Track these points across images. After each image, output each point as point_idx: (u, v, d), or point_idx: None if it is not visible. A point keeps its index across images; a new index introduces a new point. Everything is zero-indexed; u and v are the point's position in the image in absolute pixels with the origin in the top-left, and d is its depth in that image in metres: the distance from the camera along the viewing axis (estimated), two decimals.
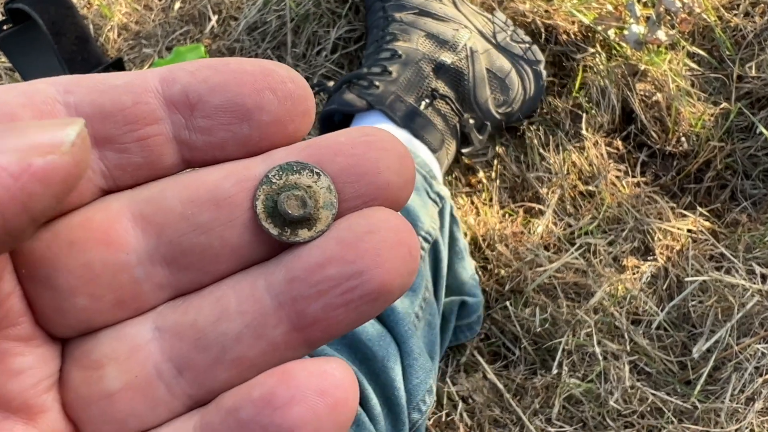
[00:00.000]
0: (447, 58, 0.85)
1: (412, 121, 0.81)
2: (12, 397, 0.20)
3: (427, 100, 0.83)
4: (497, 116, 0.88)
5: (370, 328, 0.62)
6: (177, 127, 0.21)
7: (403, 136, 0.81)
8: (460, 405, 0.75)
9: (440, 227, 0.75)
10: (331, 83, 0.87)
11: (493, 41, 0.90)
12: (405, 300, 0.66)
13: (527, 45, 0.91)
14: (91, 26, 1.07)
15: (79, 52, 0.92)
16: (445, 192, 0.77)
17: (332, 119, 0.86)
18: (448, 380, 0.77)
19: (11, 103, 0.19)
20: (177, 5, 1.08)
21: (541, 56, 0.91)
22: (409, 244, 0.20)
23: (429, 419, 0.75)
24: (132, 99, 0.20)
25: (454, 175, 0.91)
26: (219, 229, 0.21)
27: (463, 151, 0.87)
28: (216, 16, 1.05)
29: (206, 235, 0.21)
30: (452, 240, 0.78)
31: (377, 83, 0.82)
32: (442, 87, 0.84)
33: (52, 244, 0.21)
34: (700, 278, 0.77)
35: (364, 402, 0.60)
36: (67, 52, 0.91)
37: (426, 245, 0.71)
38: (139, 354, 0.21)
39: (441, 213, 0.76)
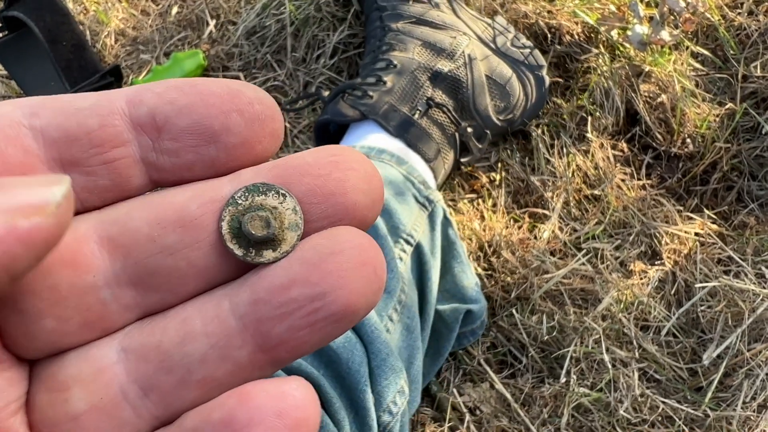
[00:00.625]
0: (444, 66, 0.84)
1: (406, 131, 0.80)
2: None
3: (422, 110, 0.82)
4: (498, 123, 0.87)
5: None
6: (144, 149, 0.21)
7: (396, 145, 0.80)
8: (467, 416, 0.74)
9: (431, 230, 0.74)
10: (326, 93, 0.86)
11: (493, 47, 0.89)
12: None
13: (529, 50, 0.90)
14: (88, 32, 1.06)
15: (76, 60, 0.91)
16: (436, 196, 0.76)
17: (327, 129, 0.85)
18: (454, 390, 0.76)
19: None
20: (174, 10, 1.06)
21: (543, 61, 0.90)
22: (374, 263, 0.20)
23: (434, 431, 0.74)
24: (98, 122, 0.20)
25: (456, 182, 0.90)
26: (185, 251, 0.21)
27: (462, 160, 0.86)
28: (214, 21, 1.04)
29: (173, 256, 0.21)
30: (449, 243, 0.77)
31: (371, 93, 0.82)
32: (439, 96, 0.83)
33: None
34: (710, 284, 0.76)
35: (327, 406, 0.60)
36: (64, 60, 0.90)
37: (408, 247, 0.71)
38: (105, 376, 0.21)
39: (431, 216, 0.75)
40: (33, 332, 0.21)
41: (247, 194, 0.21)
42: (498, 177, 0.89)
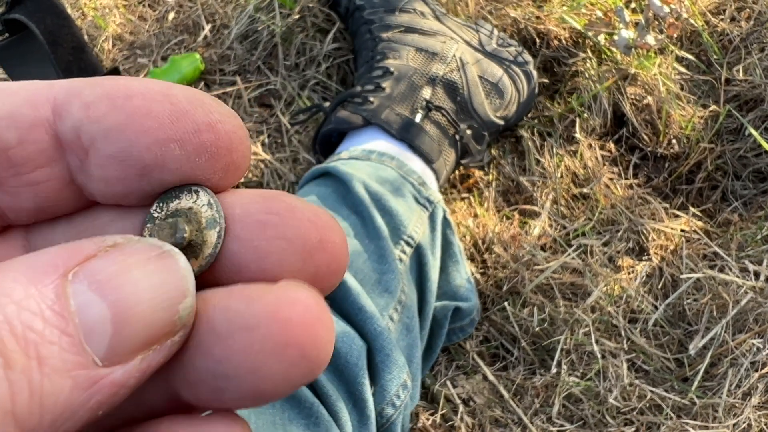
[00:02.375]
0: (439, 70, 0.87)
1: (408, 133, 0.82)
2: None
3: (423, 112, 0.84)
4: (496, 121, 0.89)
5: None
6: (74, 170, 0.17)
7: (397, 148, 0.82)
8: (461, 407, 0.75)
9: (431, 231, 0.76)
10: (327, 104, 0.88)
11: (481, 49, 0.91)
12: (379, 300, 0.67)
13: (514, 48, 0.92)
14: (85, 37, 1.07)
15: (76, 62, 0.93)
16: (436, 197, 0.78)
17: (330, 140, 0.87)
18: (447, 383, 0.78)
19: None
20: (171, 15, 1.08)
21: (529, 57, 0.93)
22: (302, 345, 0.15)
23: (427, 420, 0.76)
24: (16, 136, 0.17)
25: (450, 181, 0.92)
26: None
27: (463, 162, 0.88)
28: (209, 25, 1.06)
29: None
30: (447, 244, 0.79)
31: (372, 99, 0.84)
32: (437, 99, 0.85)
33: None
34: (695, 275, 0.78)
35: (323, 399, 0.61)
36: (64, 62, 0.92)
37: (408, 249, 0.72)
38: None
39: (432, 217, 0.77)
40: None
41: (161, 204, 0.18)
42: (490, 177, 0.91)
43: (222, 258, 0.17)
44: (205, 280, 0.17)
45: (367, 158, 0.79)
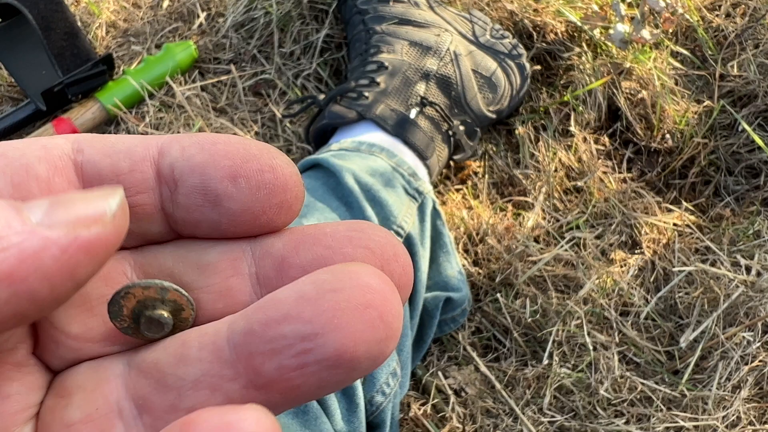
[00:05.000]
0: (432, 65, 0.86)
1: (402, 129, 0.82)
2: None
3: (418, 108, 0.84)
4: (489, 115, 0.89)
5: None
6: (164, 199, 0.21)
7: (388, 140, 0.82)
8: (452, 397, 0.75)
9: (420, 222, 0.76)
10: (321, 96, 0.88)
11: (475, 41, 0.91)
12: None
13: (508, 40, 0.92)
14: (78, 24, 1.07)
15: (69, 48, 0.92)
16: (426, 188, 0.78)
17: (324, 134, 0.87)
18: (439, 373, 0.78)
19: (29, 155, 0.20)
20: (166, 3, 1.08)
21: (522, 50, 0.93)
22: (380, 307, 0.18)
23: (418, 410, 0.76)
24: (129, 165, 0.21)
25: (443, 173, 0.92)
26: (201, 289, 0.22)
27: (455, 157, 0.88)
28: (204, 14, 1.06)
29: (192, 292, 0.22)
30: (437, 234, 0.79)
31: (366, 94, 0.83)
32: (431, 94, 0.85)
33: None
34: (687, 268, 0.79)
35: None
36: (57, 47, 0.91)
37: (397, 239, 0.72)
38: (105, 387, 0.21)
39: (421, 208, 0.77)
40: (60, 338, 0.21)
41: (125, 294, 0.21)
42: (482, 170, 0.91)
43: (316, 261, 0.21)
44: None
45: (357, 149, 0.79)
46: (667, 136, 0.91)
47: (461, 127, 0.86)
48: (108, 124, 0.98)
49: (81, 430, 0.20)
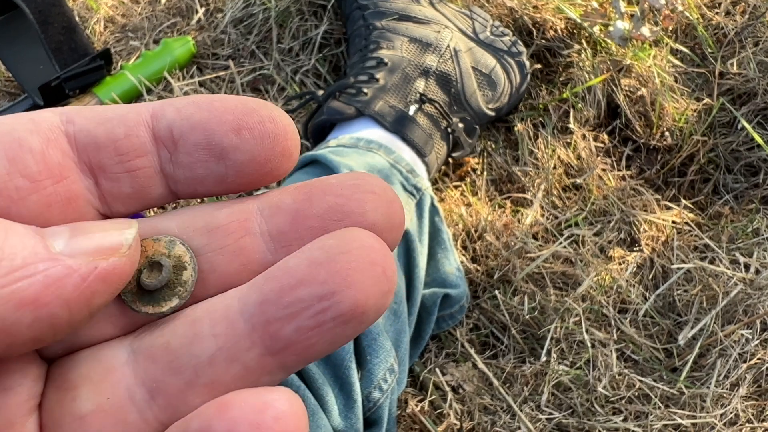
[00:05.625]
0: (432, 62, 0.86)
1: (401, 125, 0.82)
2: None
3: (417, 105, 0.83)
4: (488, 113, 0.89)
5: None
6: (163, 161, 0.22)
7: (386, 137, 0.81)
8: (450, 394, 0.75)
9: (418, 218, 0.76)
10: (320, 92, 0.88)
11: (475, 38, 0.91)
12: None
13: (508, 37, 0.92)
14: (77, 19, 1.06)
15: (66, 42, 0.92)
16: (424, 184, 0.78)
17: (322, 129, 0.87)
18: (437, 370, 0.78)
19: (19, 129, 0.21)
20: None
21: (522, 47, 0.92)
22: (383, 264, 0.20)
23: (416, 406, 0.75)
24: (124, 131, 0.21)
25: (442, 170, 0.92)
26: (210, 255, 0.22)
27: (454, 154, 0.88)
28: (203, 9, 1.05)
29: (198, 258, 0.22)
30: (435, 231, 0.79)
31: (365, 90, 0.83)
32: (431, 91, 0.85)
33: None
34: (686, 266, 0.78)
35: (309, 383, 0.61)
36: (54, 42, 0.91)
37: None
38: (113, 376, 0.21)
39: (419, 205, 0.77)
40: None
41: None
42: (481, 167, 0.91)
43: (332, 209, 0.22)
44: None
45: (355, 145, 0.78)
46: (667, 133, 0.91)
47: (460, 125, 0.86)
48: None
49: (94, 421, 0.20)
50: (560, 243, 0.82)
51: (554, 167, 0.89)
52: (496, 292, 0.80)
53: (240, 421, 0.18)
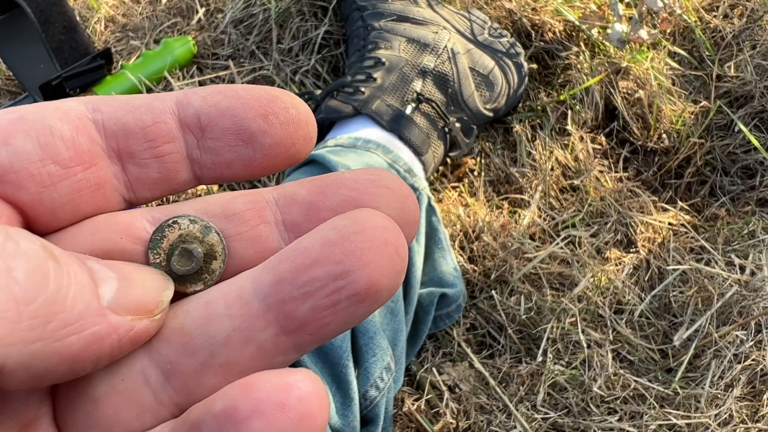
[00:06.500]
0: (429, 62, 0.86)
1: (398, 124, 0.82)
2: (12, 397, 0.20)
3: (414, 104, 0.84)
4: (486, 113, 0.89)
5: None
6: (190, 147, 0.23)
7: (384, 136, 0.82)
8: (447, 393, 0.76)
9: None
10: (318, 92, 0.88)
11: (473, 39, 0.91)
12: None
13: (506, 39, 0.93)
14: (77, 18, 1.07)
15: (67, 41, 0.92)
16: (421, 184, 0.78)
17: (322, 128, 0.87)
18: (433, 369, 0.78)
19: (49, 117, 0.21)
20: None
21: (520, 48, 0.93)
22: (395, 243, 0.20)
23: (412, 405, 0.76)
24: (152, 118, 0.22)
25: (440, 171, 0.92)
26: (226, 240, 0.23)
27: (451, 154, 0.89)
28: (203, 9, 1.06)
29: None
30: (432, 230, 0.79)
31: (363, 89, 0.84)
32: (428, 91, 0.85)
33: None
34: (682, 267, 0.79)
35: None
36: (55, 41, 0.91)
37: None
38: (126, 358, 0.21)
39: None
40: None
41: (160, 233, 0.22)
42: (478, 168, 0.92)
43: (346, 203, 0.22)
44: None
45: (353, 145, 0.79)
46: (664, 135, 0.91)
47: (457, 125, 0.87)
48: None
49: (109, 403, 0.21)
50: (557, 244, 0.83)
51: (552, 168, 0.89)
52: (493, 292, 0.81)
53: (265, 401, 0.18)
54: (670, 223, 0.85)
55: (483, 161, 0.92)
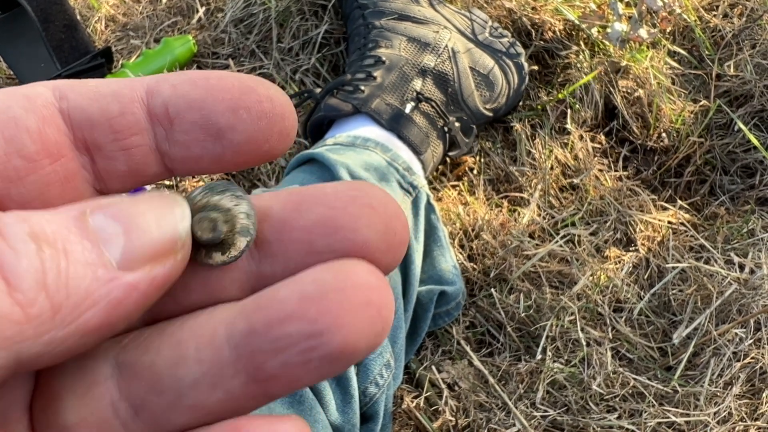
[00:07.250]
0: (430, 61, 0.87)
1: (397, 123, 0.82)
2: None
3: (413, 103, 0.84)
4: (485, 113, 0.89)
5: None
6: (159, 139, 0.21)
7: (383, 135, 0.82)
8: (446, 391, 0.76)
9: (414, 216, 0.77)
10: (318, 90, 0.88)
11: (474, 39, 0.92)
12: None
13: (507, 39, 0.93)
14: (78, 17, 1.07)
15: (68, 40, 0.92)
16: (421, 182, 0.79)
17: (321, 126, 0.87)
18: (433, 367, 0.78)
19: (14, 107, 0.20)
20: None
21: (521, 48, 0.93)
22: (378, 303, 0.19)
23: (411, 402, 0.76)
24: (119, 108, 0.21)
25: (440, 170, 0.92)
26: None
27: (450, 154, 0.89)
28: (203, 8, 1.06)
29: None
30: (431, 228, 0.79)
31: (362, 88, 0.84)
32: (427, 90, 0.85)
33: None
34: (681, 265, 0.79)
35: None
36: (56, 40, 0.91)
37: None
38: (97, 390, 0.20)
39: (415, 202, 0.77)
40: None
41: (204, 192, 0.21)
42: (478, 166, 0.92)
43: (321, 223, 0.21)
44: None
45: (352, 144, 0.79)
46: (663, 134, 0.92)
47: (457, 124, 0.87)
48: None
49: None
50: (556, 242, 0.83)
51: (551, 167, 0.89)
52: (493, 290, 0.81)
53: None
54: (669, 222, 0.85)
55: (482, 160, 0.92)
